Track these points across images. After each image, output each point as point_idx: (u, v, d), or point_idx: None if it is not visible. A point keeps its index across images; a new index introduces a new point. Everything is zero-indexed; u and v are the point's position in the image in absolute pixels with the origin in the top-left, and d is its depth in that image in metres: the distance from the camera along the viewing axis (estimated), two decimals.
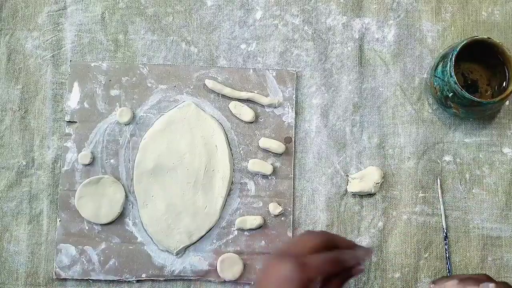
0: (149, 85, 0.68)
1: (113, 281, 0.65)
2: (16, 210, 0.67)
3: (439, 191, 0.67)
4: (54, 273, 0.65)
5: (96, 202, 0.65)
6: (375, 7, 0.70)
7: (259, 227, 0.66)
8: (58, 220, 0.66)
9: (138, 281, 0.65)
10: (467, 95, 0.60)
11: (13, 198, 0.67)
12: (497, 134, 0.68)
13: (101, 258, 0.65)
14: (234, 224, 0.66)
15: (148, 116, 0.68)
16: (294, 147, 0.68)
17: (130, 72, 0.68)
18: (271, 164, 0.67)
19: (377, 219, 0.67)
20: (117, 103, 0.68)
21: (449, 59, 0.61)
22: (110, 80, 0.68)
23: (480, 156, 0.68)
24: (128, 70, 0.68)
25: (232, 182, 0.67)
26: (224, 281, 0.65)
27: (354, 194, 0.67)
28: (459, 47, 0.61)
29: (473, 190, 0.67)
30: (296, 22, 0.70)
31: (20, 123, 0.68)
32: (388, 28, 0.70)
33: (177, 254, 0.65)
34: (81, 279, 0.65)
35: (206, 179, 0.66)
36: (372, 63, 0.70)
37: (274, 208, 0.66)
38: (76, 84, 0.68)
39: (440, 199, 0.67)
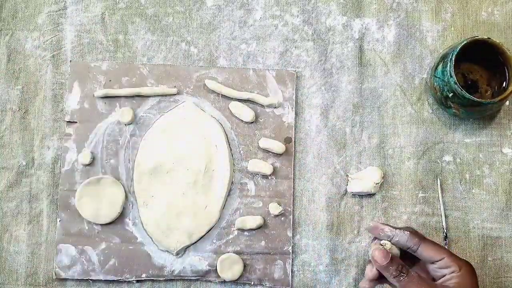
0: (149, 85, 0.68)
1: (113, 281, 0.65)
2: (16, 210, 0.67)
3: (439, 191, 0.67)
4: (54, 273, 0.65)
5: (96, 202, 0.65)
6: (375, 7, 0.70)
7: (259, 227, 0.66)
8: (58, 220, 0.66)
9: (138, 281, 0.65)
10: (467, 95, 0.60)
11: (13, 198, 0.67)
12: (497, 134, 0.68)
13: (101, 258, 0.65)
14: (234, 224, 0.66)
15: (148, 116, 0.68)
16: (294, 147, 0.68)
17: (130, 72, 0.68)
18: (271, 164, 0.67)
19: (377, 219, 0.67)
20: (117, 103, 0.68)
21: (449, 59, 0.61)
22: (110, 80, 0.68)
23: (480, 156, 0.68)
24: (128, 70, 0.68)
25: (232, 182, 0.67)
26: (224, 281, 0.65)
27: (354, 194, 0.67)
28: (459, 47, 0.61)
29: (473, 190, 0.67)
30: (296, 22, 0.70)
31: (20, 123, 0.68)
32: (388, 28, 0.70)
33: (177, 254, 0.65)
34: (81, 279, 0.65)
35: (206, 179, 0.66)
36: (372, 63, 0.70)
37: (274, 208, 0.66)
38: (76, 84, 0.68)
39: (440, 199, 0.67)
